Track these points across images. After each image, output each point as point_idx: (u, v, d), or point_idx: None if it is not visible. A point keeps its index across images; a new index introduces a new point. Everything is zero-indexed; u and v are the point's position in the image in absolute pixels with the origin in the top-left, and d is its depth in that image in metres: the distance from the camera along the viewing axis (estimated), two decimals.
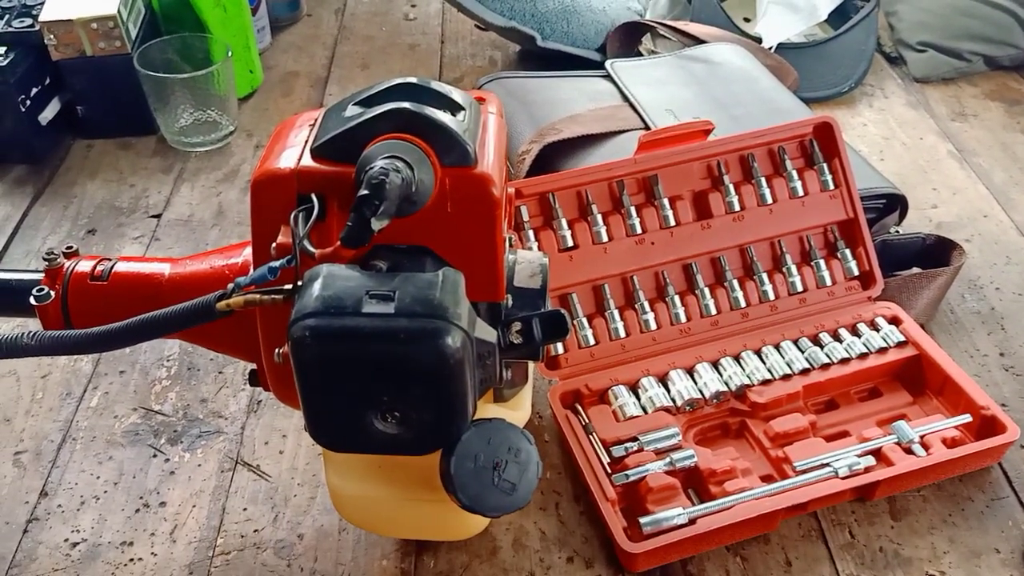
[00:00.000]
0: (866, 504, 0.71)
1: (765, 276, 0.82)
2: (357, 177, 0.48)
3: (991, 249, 0.96)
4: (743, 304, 0.81)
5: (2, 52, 1.03)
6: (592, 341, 0.77)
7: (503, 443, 0.51)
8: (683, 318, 0.79)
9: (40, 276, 0.62)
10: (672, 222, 0.80)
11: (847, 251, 0.83)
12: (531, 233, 0.77)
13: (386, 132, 0.49)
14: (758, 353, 0.79)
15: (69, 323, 0.62)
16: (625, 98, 1.00)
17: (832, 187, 0.83)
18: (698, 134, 0.81)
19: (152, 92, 1.08)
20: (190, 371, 0.83)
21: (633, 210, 0.79)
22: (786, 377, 0.77)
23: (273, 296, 0.50)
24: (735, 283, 0.81)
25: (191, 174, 1.09)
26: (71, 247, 0.65)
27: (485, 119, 0.55)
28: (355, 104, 0.52)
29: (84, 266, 0.62)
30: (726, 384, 0.76)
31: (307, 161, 0.51)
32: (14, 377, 0.83)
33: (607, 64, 1.05)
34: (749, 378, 0.76)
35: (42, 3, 1.07)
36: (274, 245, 0.50)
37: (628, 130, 0.94)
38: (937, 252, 0.88)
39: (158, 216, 1.03)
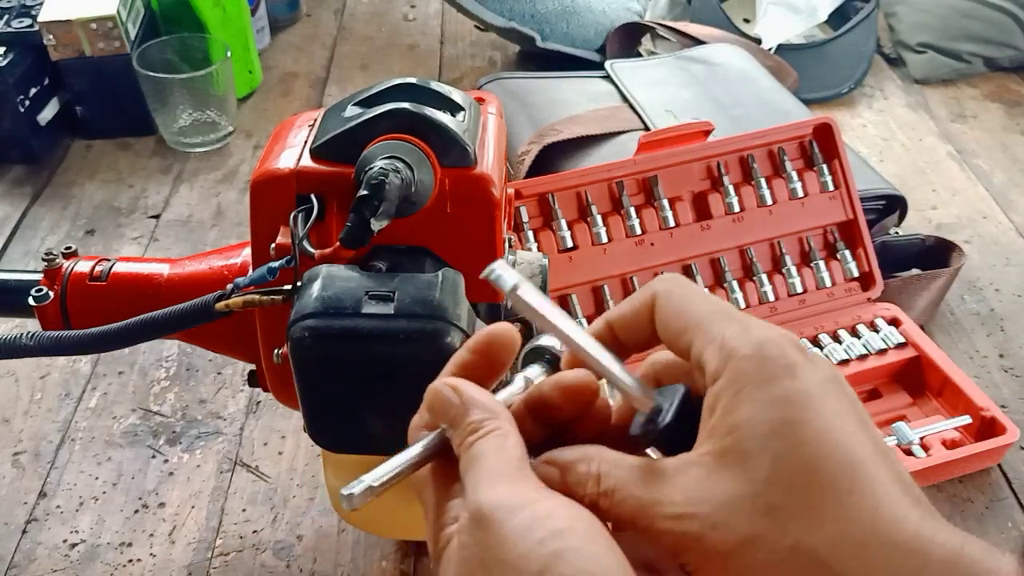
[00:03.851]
0: None
1: (765, 277, 0.82)
2: (357, 177, 0.48)
3: (990, 250, 0.96)
4: (743, 305, 0.81)
5: (1, 52, 1.03)
6: None
7: None
8: None
9: (39, 276, 0.62)
10: (672, 223, 0.80)
11: (847, 252, 0.83)
12: (530, 234, 0.77)
13: (386, 132, 0.49)
14: None
15: (68, 323, 0.61)
16: (625, 99, 1.00)
17: (832, 188, 0.83)
18: (698, 135, 0.81)
19: (151, 92, 1.07)
20: (189, 372, 0.83)
21: (633, 211, 0.79)
22: None
23: (272, 297, 0.50)
24: (735, 284, 0.81)
25: (190, 174, 1.08)
26: (70, 247, 0.64)
27: (485, 119, 0.55)
28: (354, 104, 0.52)
29: (83, 266, 0.62)
30: None
31: (306, 161, 0.51)
32: (12, 378, 0.83)
33: (607, 65, 1.05)
34: None
35: (41, 3, 1.07)
36: (273, 245, 0.50)
37: (628, 131, 0.94)
38: (937, 253, 0.88)
39: (157, 216, 1.02)
